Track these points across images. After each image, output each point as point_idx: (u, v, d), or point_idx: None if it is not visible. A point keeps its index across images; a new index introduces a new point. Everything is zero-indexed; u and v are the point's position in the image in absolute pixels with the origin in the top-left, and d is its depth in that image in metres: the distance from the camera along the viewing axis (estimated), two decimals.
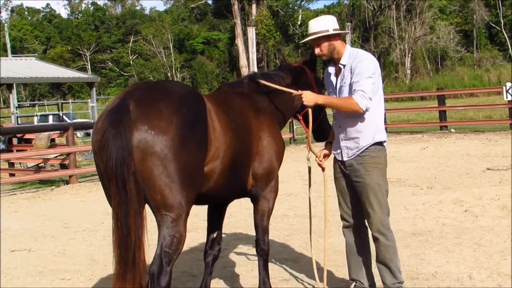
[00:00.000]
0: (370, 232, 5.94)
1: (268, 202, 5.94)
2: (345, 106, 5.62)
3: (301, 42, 6.06)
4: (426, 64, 73.33)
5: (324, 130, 6.63)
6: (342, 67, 5.83)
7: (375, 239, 5.80)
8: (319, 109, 6.49)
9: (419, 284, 6.58)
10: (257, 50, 60.25)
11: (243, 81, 6.22)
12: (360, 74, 5.59)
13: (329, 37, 5.77)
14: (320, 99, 5.78)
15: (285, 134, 24.52)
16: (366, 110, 5.56)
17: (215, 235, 6.18)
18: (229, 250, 8.52)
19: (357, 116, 5.70)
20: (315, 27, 5.78)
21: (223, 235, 6.75)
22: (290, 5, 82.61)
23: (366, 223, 5.95)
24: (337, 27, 5.83)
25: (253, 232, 6.17)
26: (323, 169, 6.32)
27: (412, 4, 72.02)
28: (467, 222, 9.22)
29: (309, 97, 5.73)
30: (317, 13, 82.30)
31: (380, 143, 5.80)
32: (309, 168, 6.62)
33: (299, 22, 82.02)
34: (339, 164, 6.02)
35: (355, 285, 6.10)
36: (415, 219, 9.54)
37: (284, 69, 6.49)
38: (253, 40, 34.97)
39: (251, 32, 35.52)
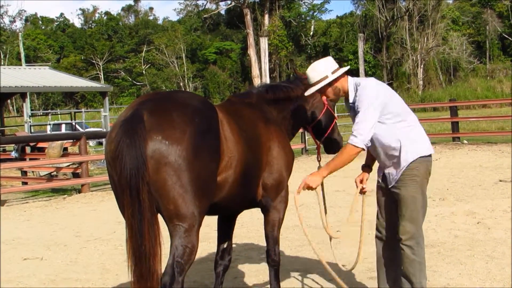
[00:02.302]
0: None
1: (278, 212, 5.95)
2: (347, 158, 5.49)
3: (306, 94, 5.89)
4: (438, 75, 73.13)
5: (335, 142, 6.66)
6: (351, 105, 5.72)
7: (401, 249, 5.67)
8: (329, 120, 6.54)
9: None
10: (270, 60, 60.27)
11: (252, 92, 6.25)
12: (361, 108, 5.48)
13: (330, 83, 5.66)
14: (324, 173, 5.60)
15: (297, 145, 24.54)
16: (366, 145, 5.46)
17: (225, 245, 6.19)
18: (240, 260, 8.52)
19: (385, 144, 5.62)
20: (314, 77, 5.67)
21: (234, 245, 6.76)
22: (303, 16, 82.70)
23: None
24: (335, 67, 5.69)
25: (264, 242, 6.16)
26: (363, 193, 6.21)
27: (425, 15, 71.95)
28: (480, 234, 9.18)
29: (313, 181, 5.59)
30: (330, 24, 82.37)
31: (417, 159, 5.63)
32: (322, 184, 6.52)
33: (311, 33, 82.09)
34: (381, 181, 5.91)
35: None
36: (427, 231, 9.49)
37: (294, 81, 6.51)
38: (266, 50, 35.05)
39: (264, 42, 35.60)
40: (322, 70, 5.66)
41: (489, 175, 15.52)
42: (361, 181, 6.13)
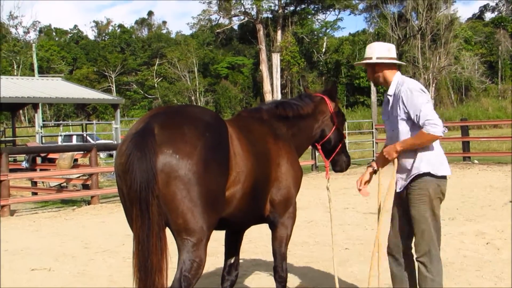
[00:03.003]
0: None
1: (286, 228, 5.94)
2: (423, 142, 5.64)
3: (354, 64, 6.79)
4: (450, 94, 73.09)
5: (343, 160, 6.73)
6: (389, 97, 5.98)
7: (418, 267, 5.89)
8: (338, 140, 6.60)
9: None
10: (281, 76, 60.42)
11: (263, 108, 6.27)
12: (417, 105, 5.62)
13: (372, 66, 6.01)
14: (398, 147, 5.77)
15: (307, 161, 24.52)
16: (443, 133, 5.60)
17: (232, 260, 6.18)
18: (247, 276, 8.50)
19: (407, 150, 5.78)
20: (366, 53, 6.06)
21: (241, 261, 6.74)
22: (315, 32, 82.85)
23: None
24: (386, 55, 5.96)
25: (272, 259, 6.15)
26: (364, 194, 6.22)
27: (437, 34, 71.91)
28: (489, 255, 9.14)
29: (390, 152, 5.82)
30: (342, 41, 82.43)
31: (429, 174, 5.78)
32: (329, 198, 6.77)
33: (323, 50, 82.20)
34: (396, 193, 6.02)
35: None
36: None
37: (304, 98, 6.54)
38: (278, 66, 35.10)
39: (276, 58, 35.68)
40: (371, 51, 6.01)
41: (499, 195, 15.46)
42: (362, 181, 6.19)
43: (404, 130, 5.79)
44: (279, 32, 74.41)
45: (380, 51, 5.95)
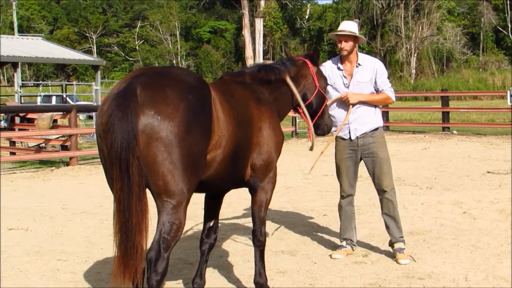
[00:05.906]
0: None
1: (266, 193, 5.94)
2: (383, 100, 7.58)
3: (336, 32, 7.33)
4: (431, 65, 73.19)
5: (325, 124, 6.77)
6: (357, 65, 7.41)
7: (387, 196, 7.47)
8: (320, 102, 6.61)
9: (414, 284, 6.58)
10: (264, 42, 60.08)
11: (245, 71, 6.23)
12: (383, 74, 7.42)
13: (355, 39, 7.33)
14: (362, 97, 7.34)
15: (287, 128, 24.54)
16: (394, 99, 7.52)
17: (211, 223, 6.17)
18: (226, 240, 8.54)
19: (370, 105, 7.43)
20: (350, 27, 7.31)
21: (220, 225, 6.75)
22: None
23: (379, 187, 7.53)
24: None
25: (251, 223, 6.17)
26: None
27: (421, 4, 71.82)
28: (465, 224, 9.23)
29: (353, 97, 7.29)
30: (325, 8, 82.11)
31: (380, 127, 7.53)
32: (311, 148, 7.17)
33: (307, 16, 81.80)
34: (346, 144, 7.49)
35: (346, 242, 7.65)
36: (413, 219, 9.55)
37: (286, 62, 6.52)
38: (260, 31, 34.99)
39: (259, 23, 35.53)
40: (353, 27, 7.35)
41: (477, 166, 15.59)
42: None
43: (369, 90, 7.41)
44: None
45: (357, 29, 7.38)
